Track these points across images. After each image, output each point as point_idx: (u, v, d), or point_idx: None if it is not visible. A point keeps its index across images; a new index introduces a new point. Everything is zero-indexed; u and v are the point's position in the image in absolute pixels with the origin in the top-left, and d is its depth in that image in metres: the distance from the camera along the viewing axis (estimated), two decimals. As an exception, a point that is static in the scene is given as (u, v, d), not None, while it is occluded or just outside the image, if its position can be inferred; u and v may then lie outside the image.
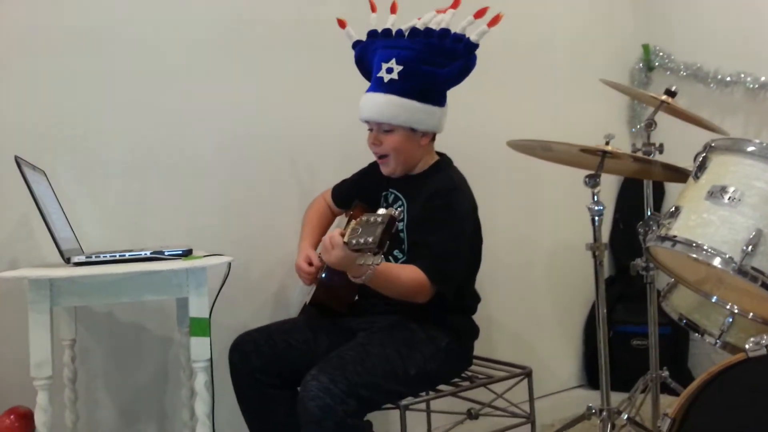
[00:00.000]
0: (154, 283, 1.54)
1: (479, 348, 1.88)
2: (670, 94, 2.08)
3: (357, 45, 1.91)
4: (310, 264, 1.85)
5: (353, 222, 1.35)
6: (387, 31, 1.85)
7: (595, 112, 2.96)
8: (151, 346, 2.03)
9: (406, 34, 1.80)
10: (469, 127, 2.50)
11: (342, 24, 1.93)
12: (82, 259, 1.54)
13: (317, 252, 1.93)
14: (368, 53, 1.86)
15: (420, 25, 1.78)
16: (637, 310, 2.56)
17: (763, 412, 1.31)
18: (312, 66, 2.01)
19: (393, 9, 1.89)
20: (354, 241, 1.30)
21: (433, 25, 1.77)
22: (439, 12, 1.80)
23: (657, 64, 3.09)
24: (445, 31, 1.76)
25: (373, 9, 1.91)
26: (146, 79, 2.00)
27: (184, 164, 2.06)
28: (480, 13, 1.74)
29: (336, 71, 2.11)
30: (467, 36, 1.75)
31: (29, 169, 1.58)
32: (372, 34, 1.88)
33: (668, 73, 3.05)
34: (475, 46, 1.75)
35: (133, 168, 1.99)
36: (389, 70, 1.74)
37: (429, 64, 1.75)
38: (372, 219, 1.30)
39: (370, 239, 1.26)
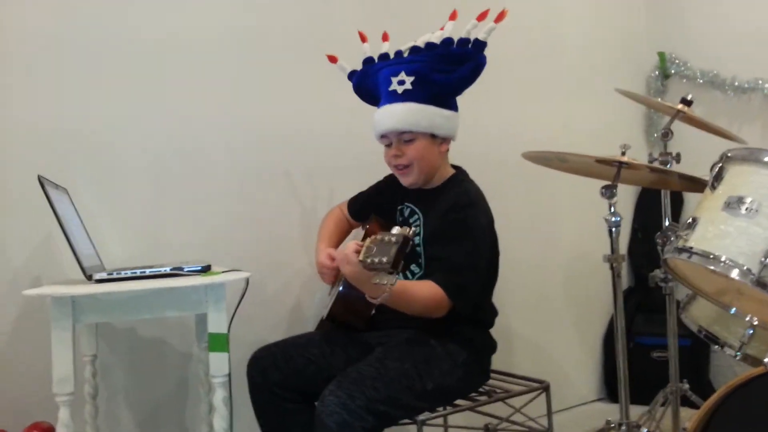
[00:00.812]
0: (174, 300, 1.55)
1: (497, 361, 1.87)
2: (686, 103, 2.07)
3: (353, 75, 1.93)
4: (333, 260, 1.84)
5: (368, 240, 1.35)
6: (384, 55, 1.87)
7: (611, 121, 2.95)
8: (171, 361, 2.05)
9: (406, 53, 1.82)
10: (483, 138, 2.51)
11: (333, 59, 1.95)
12: (104, 276, 1.56)
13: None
14: (369, 77, 1.88)
15: (420, 43, 1.80)
16: (656, 321, 2.54)
17: (784, 426, 1.30)
18: (332, 77, 2.02)
19: (385, 38, 1.91)
20: (369, 260, 1.30)
21: (434, 40, 1.78)
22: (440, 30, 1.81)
23: (673, 71, 3.07)
24: (448, 40, 1.77)
25: (363, 39, 1.93)
26: (166, 97, 2.03)
27: (202, 181, 2.09)
28: (482, 16, 1.75)
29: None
30: (473, 38, 1.75)
31: (52, 188, 1.61)
32: (368, 60, 1.89)
33: (684, 80, 3.03)
34: (484, 44, 1.75)
35: (153, 185, 2.02)
36: (401, 82, 1.75)
37: (439, 71, 1.76)
38: (387, 238, 1.30)
39: (385, 259, 1.27)
